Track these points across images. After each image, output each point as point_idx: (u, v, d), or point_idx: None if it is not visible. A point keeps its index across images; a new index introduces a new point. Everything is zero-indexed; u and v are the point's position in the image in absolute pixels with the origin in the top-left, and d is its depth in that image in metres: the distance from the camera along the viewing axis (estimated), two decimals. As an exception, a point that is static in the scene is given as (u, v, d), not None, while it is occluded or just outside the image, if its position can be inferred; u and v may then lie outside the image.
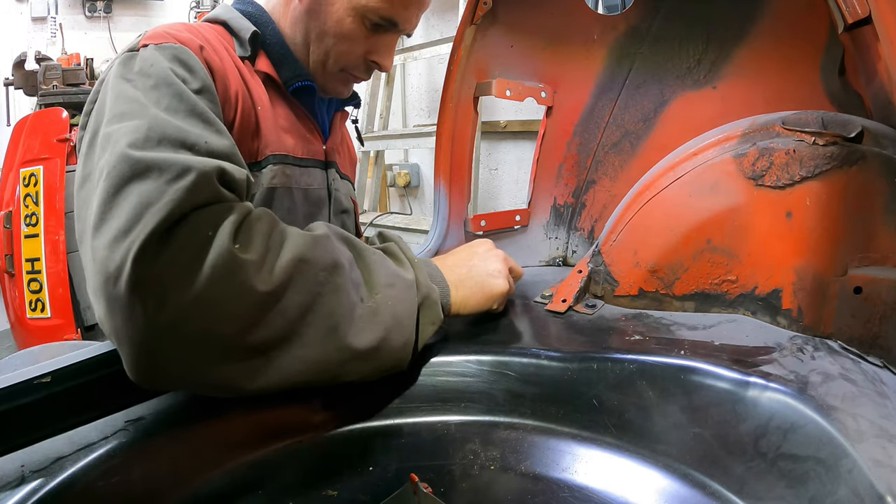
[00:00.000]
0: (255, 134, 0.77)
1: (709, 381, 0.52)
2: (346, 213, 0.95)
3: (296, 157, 0.82)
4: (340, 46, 0.79)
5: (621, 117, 0.91)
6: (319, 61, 0.81)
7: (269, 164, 0.78)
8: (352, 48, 0.80)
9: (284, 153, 0.80)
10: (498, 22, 0.82)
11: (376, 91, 2.51)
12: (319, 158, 0.88)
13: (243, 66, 0.77)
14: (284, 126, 0.81)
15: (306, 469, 0.51)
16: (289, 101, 0.83)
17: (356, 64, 0.82)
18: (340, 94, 0.89)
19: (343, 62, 0.81)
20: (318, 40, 0.80)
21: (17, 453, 0.44)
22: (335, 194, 0.91)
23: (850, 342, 0.56)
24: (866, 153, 0.56)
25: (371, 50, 0.80)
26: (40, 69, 2.55)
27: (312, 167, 0.86)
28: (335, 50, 0.80)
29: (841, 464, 0.40)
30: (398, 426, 0.56)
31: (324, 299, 0.49)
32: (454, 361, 0.60)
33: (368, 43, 0.80)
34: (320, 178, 0.88)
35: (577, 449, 0.52)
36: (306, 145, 0.85)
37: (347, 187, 0.98)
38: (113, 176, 0.46)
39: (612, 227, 0.76)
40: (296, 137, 0.83)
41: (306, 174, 0.85)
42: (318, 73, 0.83)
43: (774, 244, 0.63)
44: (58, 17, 3.34)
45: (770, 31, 0.75)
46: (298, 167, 0.83)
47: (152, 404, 0.52)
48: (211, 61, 0.68)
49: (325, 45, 0.80)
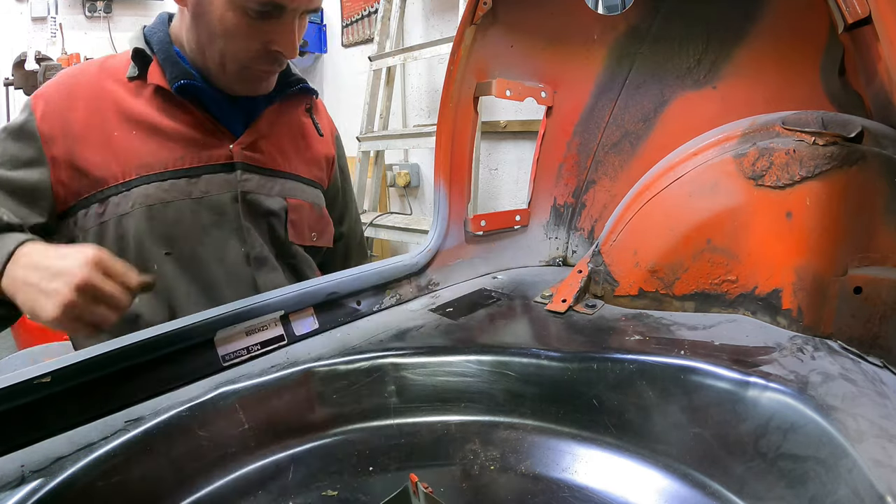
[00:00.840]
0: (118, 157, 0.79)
1: (709, 381, 0.52)
2: (272, 215, 0.87)
3: (178, 168, 0.80)
4: (232, 44, 0.77)
5: (621, 117, 0.91)
6: (217, 63, 0.80)
7: (142, 184, 0.78)
8: (244, 43, 0.77)
9: (161, 170, 0.79)
10: (498, 22, 0.82)
11: (376, 91, 2.51)
12: (220, 161, 0.83)
13: (127, 89, 0.81)
14: (172, 136, 0.81)
15: (306, 469, 0.51)
16: (182, 106, 0.81)
17: (256, 57, 0.79)
18: (255, 92, 0.85)
19: (241, 59, 0.79)
20: (209, 43, 0.79)
21: (17, 453, 0.44)
22: (248, 196, 0.85)
23: (850, 342, 0.56)
24: (866, 153, 0.56)
25: (268, 40, 0.77)
26: (40, 69, 2.55)
27: (208, 174, 0.82)
28: (228, 49, 0.78)
29: (841, 464, 0.40)
30: (398, 426, 0.56)
31: None
32: (454, 361, 0.60)
33: (262, 33, 0.76)
34: (220, 184, 0.83)
35: (577, 449, 0.52)
36: (198, 152, 0.82)
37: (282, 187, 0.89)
38: None
39: (612, 227, 0.76)
40: (185, 147, 0.81)
41: (199, 182, 0.81)
42: (220, 75, 0.81)
43: (774, 244, 0.63)
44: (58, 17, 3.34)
45: (770, 31, 0.75)
46: (185, 178, 0.81)
47: (152, 404, 0.52)
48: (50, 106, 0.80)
49: (217, 47, 0.78)
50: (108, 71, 0.84)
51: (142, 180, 0.79)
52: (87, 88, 0.82)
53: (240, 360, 0.59)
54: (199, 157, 0.83)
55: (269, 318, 0.62)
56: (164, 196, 0.80)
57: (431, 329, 0.67)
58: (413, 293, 0.81)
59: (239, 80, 0.82)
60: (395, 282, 0.78)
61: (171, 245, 0.80)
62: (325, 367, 0.59)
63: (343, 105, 3.09)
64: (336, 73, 3.20)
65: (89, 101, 0.81)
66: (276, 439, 0.53)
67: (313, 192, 0.96)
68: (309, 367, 0.58)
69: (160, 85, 0.81)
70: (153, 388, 0.53)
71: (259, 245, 0.86)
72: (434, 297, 0.81)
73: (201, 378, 0.55)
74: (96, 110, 0.80)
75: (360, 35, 2.98)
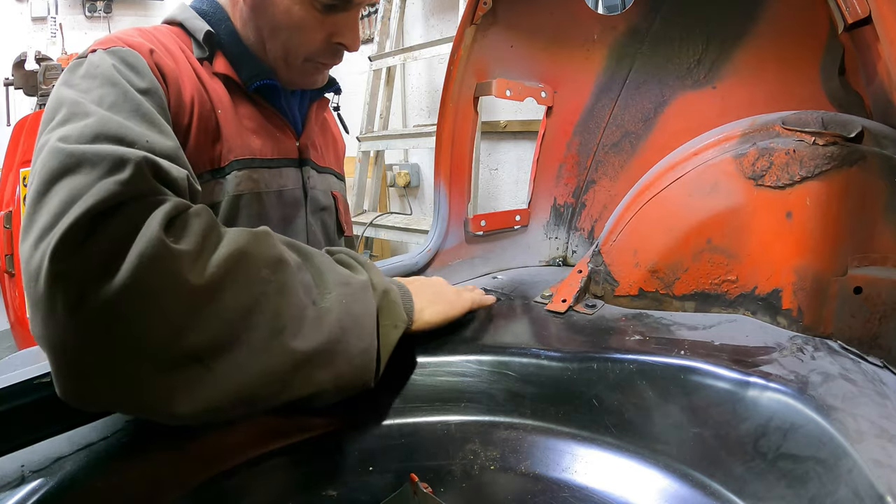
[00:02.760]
0: (216, 138, 0.74)
1: (709, 381, 0.52)
2: (324, 210, 0.91)
3: (264, 158, 0.79)
4: (297, 38, 0.75)
5: (621, 117, 0.91)
6: (279, 57, 0.77)
7: (234, 170, 0.75)
8: (309, 36, 0.75)
9: (251, 156, 0.77)
10: (498, 22, 0.82)
11: (376, 91, 2.51)
12: (292, 157, 0.85)
13: (201, 69, 0.75)
14: (250, 127, 0.78)
15: (306, 469, 0.51)
16: (253, 100, 0.80)
17: (319, 51, 0.77)
18: (313, 85, 0.84)
19: (304, 52, 0.77)
20: (272, 36, 0.76)
21: (17, 453, 0.44)
22: (311, 192, 0.87)
23: (850, 342, 0.56)
24: (866, 153, 0.56)
25: (332, 32, 0.76)
26: (40, 69, 2.55)
27: (285, 167, 0.83)
28: (292, 42, 0.75)
29: (841, 464, 0.40)
30: (398, 426, 0.56)
31: (269, 299, 0.44)
32: (454, 361, 0.60)
33: (326, 26, 0.75)
34: (294, 178, 0.84)
35: (577, 449, 0.52)
36: (276, 145, 0.81)
37: (328, 182, 0.93)
38: (43, 173, 0.43)
39: (612, 227, 0.76)
40: (263, 138, 0.80)
41: (278, 175, 0.81)
42: (281, 68, 0.79)
43: (774, 244, 0.63)
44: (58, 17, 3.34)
45: (770, 31, 0.75)
46: (269, 169, 0.80)
47: (152, 404, 0.51)
48: (162, 65, 0.67)
49: (281, 40, 0.75)
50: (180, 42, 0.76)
51: (234, 165, 0.75)
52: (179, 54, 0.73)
53: (240, 360, 0.58)
54: (278, 148, 0.82)
55: (269, 318, 0.62)
56: (253, 186, 0.77)
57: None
58: (413, 293, 0.81)
59: (300, 73, 0.80)
60: (395, 282, 0.78)
61: None
62: (325, 367, 0.59)
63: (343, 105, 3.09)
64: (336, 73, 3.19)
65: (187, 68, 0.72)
66: (276, 439, 0.53)
67: (342, 184, 1.00)
68: (309, 367, 0.58)
69: (230, 77, 0.77)
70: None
71: (317, 241, 0.88)
72: (434, 297, 0.81)
73: (201, 378, 0.55)
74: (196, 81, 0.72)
75: (360, 35, 2.98)
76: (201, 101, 0.72)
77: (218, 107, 0.74)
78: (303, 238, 0.85)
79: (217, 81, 0.76)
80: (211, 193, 0.74)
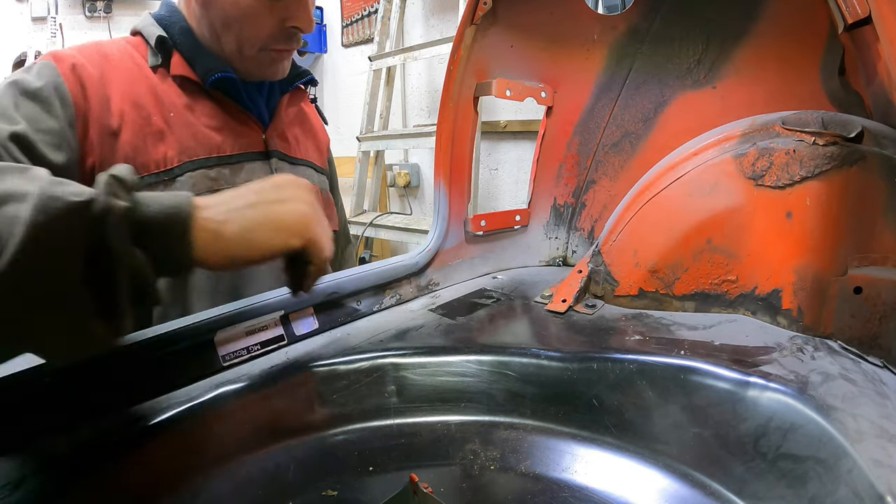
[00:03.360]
0: (159, 140, 0.74)
1: (709, 381, 0.52)
2: None
3: (223, 155, 0.79)
4: (248, 26, 0.76)
5: (621, 117, 0.91)
6: (234, 49, 0.78)
7: (187, 171, 0.75)
8: (261, 23, 0.76)
9: (207, 155, 0.77)
10: (498, 22, 0.82)
11: (376, 91, 2.51)
12: (257, 150, 0.84)
13: (154, 76, 0.77)
14: (210, 124, 0.79)
15: (306, 469, 0.51)
16: (213, 97, 0.80)
17: (273, 37, 0.78)
18: (273, 76, 0.84)
19: (258, 41, 0.77)
20: (224, 29, 0.77)
21: (17, 453, 0.44)
22: None
23: (850, 342, 0.56)
24: (866, 153, 0.56)
25: (284, 17, 0.76)
26: (40, 69, 2.55)
27: (249, 161, 0.82)
28: (245, 32, 0.76)
29: (841, 464, 0.40)
30: (398, 426, 0.56)
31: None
32: (454, 361, 0.60)
33: (276, 11, 0.75)
34: (261, 172, 0.83)
35: (577, 449, 0.52)
36: (238, 140, 0.81)
37: (304, 175, 0.91)
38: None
39: (612, 227, 0.76)
40: (225, 134, 0.80)
41: (241, 170, 0.81)
42: (238, 60, 0.80)
43: (774, 244, 0.63)
44: (58, 17, 3.34)
45: (770, 31, 0.75)
46: (230, 165, 0.79)
47: (152, 404, 0.52)
48: (84, 77, 0.71)
49: (234, 31, 0.76)
50: (132, 52, 0.79)
51: (186, 166, 0.75)
52: (119, 63, 0.76)
53: (240, 360, 0.58)
54: (239, 143, 0.81)
55: (269, 319, 0.62)
56: (211, 184, 0.76)
57: (431, 329, 0.67)
58: (413, 293, 0.81)
59: (257, 64, 0.81)
60: (395, 282, 0.78)
61: None
62: (325, 367, 0.59)
63: (343, 105, 3.10)
64: (336, 73, 3.20)
65: (124, 76, 0.75)
66: (276, 439, 0.53)
67: (322, 178, 0.98)
68: (309, 367, 0.58)
69: (188, 77, 0.78)
70: (153, 388, 0.53)
71: None
72: (434, 297, 0.82)
73: (201, 378, 0.55)
74: (132, 89, 0.75)
75: (360, 35, 2.98)
76: (139, 107, 0.74)
77: (170, 110, 0.76)
78: None
79: (172, 84, 0.78)
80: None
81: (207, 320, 0.57)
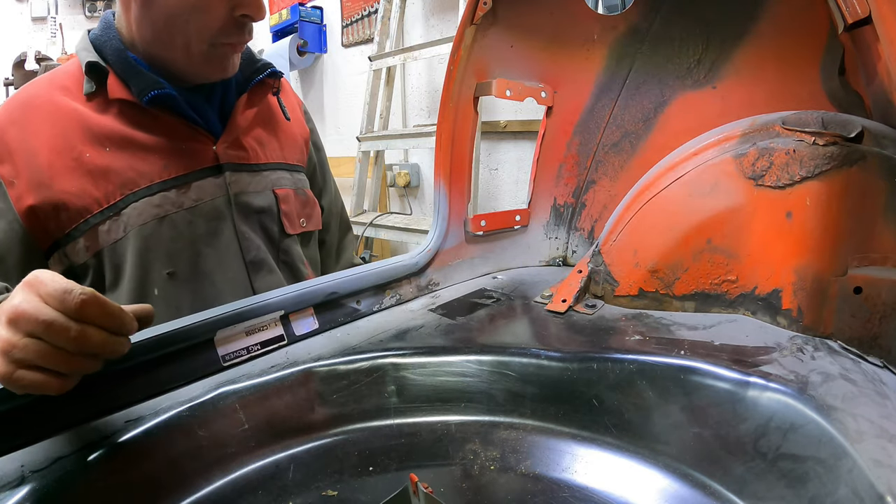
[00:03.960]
0: (100, 178, 0.72)
1: (709, 381, 0.52)
2: (262, 212, 0.84)
3: (166, 179, 0.76)
4: (196, 19, 0.72)
5: (621, 117, 0.91)
6: (180, 48, 0.74)
7: (130, 204, 0.73)
8: (210, 15, 0.72)
9: (148, 184, 0.75)
10: (498, 22, 0.82)
11: (376, 91, 2.51)
12: (207, 165, 0.80)
13: (87, 107, 0.74)
14: (152, 148, 0.76)
15: (306, 469, 0.51)
16: (155, 117, 0.76)
17: (223, 29, 0.74)
18: (224, 73, 0.79)
19: (208, 34, 0.73)
20: (168, 27, 0.73)
21: (17, 453, 0.44)
22: (238, 198, 0.81)
23: (850, 342, 0.56)
24: (866, 153, 0.56)
25: (233, 5, 0.73)
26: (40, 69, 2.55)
27: (197, 180, 0.78)
28: (192, 26, 0.72)
29: (841, 464, 0.40)
30: (398, 426, 0.56)
31: None
32: (454, 361, 0.60)
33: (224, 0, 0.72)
34: (213, 188, 0.79)
35: (577, 449, 0.52)
36: (183, 160, 0.78)
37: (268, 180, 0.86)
38: None
39: (612, 227, 0.76)
40: (167, 156, 0.76)
41: (188, 190, 0.77)
42: (185, 61, 0.75)
43: (774, 244, 0.63)
44: (58, 17, 3.34)
45: (770, 31, 0.75)
46: (175, 189, 0.76)
47: (152, 404, 0.52)
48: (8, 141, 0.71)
49: (180, 28, 0.72)
50: (60, 87, 0.76)
51: (129, 199, 0.73)
52: (43, 110, 0.74)
53: (240, 360, 0.59)
54: (184, 163, 0.78)
55: (269, 319, 0.62)
56: (157, 212, 0.74)
57: (431, 329, 0.67)
58: (413, 293, 0.81)
59: (206, 62, 0.76)
60: (395, 282, 0.78)
61: (173, 263, 0.75)
62: (325, 367, 0.59)
63: (343, 105, 3.09)
64: (336, 73, 3.20)
65: (50, 123, 0.73)
66: (276, 439, 0.53)
67: (297, 177, 0.93)
68: (309, 367, 0.58)
69: (125, 99, 0.75)
70: (153, 388, 0.53)
71: (255, 247, 0.83)
72: (434, 297, 0.82)
73: (201, 378, 0.55)
74: (60, 133, 0.72)
75: (360, 35, 2.98)
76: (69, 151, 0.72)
77: (104, 144, 0.73)
78: (234, 249, 0.81)
79: (109, 112, 0.75)
80: (108, 232, 0.73)
81: (207, 320, 0.57)
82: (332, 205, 1.07)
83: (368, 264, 0.77)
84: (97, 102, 0.75)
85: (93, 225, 0.73)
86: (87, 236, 0.73)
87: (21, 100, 0.76)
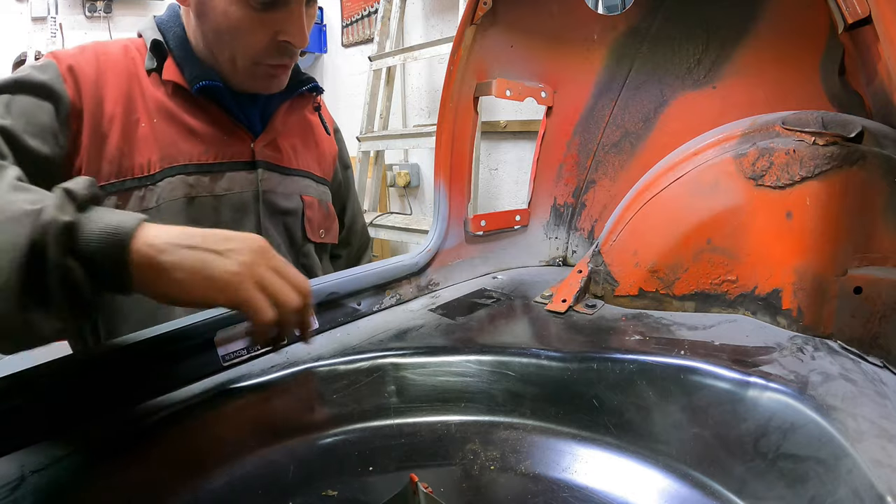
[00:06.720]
0: (144, 145, 0.75)
1: (709, 381, 0.52)
2: (287, 214, 0.87)
3: (203, 163, 0.79)
4: (239, 40, 0.75)
5: (621, 117, 0.91)
6: (227, 60, 0.77)
7: (166, 177, 0.76)
8: (252, 37, 0.74)
9: (186, 162, 0.77)
10: (498, 22, 0.82)
11: (376, 91, 2.51)
12: (243, 159, 0.83)
13: (147, 80, 0.78)
14: (195, 132, 0.79)
15: (306, 469, 0.51)
16: (202, 105, 0.80)
17: (265, 51, 0.76)
18: (268, 90, 0.82)
19: (250, 55, 0.76)
20: (217, 42, 0.76)
21: (17, 453, 0.44)
22: (266, 196, 0.84)
23: (850, 342, 0.56)
24: (866, 153, 0.56)
25: (276, 30, 0.75)
26: (40, 69, 2.55)
27: (231, 171, 0.81)
28: (236, 45, 0.75)
29: (841, 464, 0.40)
30: (398, 426, 0.56)
31: None
32: (454, 361, 0.60)
33: (267, 24, 0.74)
34: (243, 182, 0.82)
35: (577, 449, 0.52)
36: (221, 149, 0.81)
37: (297, 185, 0.90)
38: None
39: (612, 227, 0.76)
40: (208, 142, 0.79)
41: (221, 179, 0.80)
42: (232, 73, 0.79)
43: (774, 244, 0.63)
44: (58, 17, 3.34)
45: (770, 31, 0.75)
46: (210, 174, 0.79)
47: (152, 405, 0.52)
48: (82, 79, 0.73)
49: (225, 44, 0.76)
50: (130, 55, 0.80)
51: (167, 172, 0.76)
52: (117, 67, 0.77)
53: (240, 360, 0.59)
54: (224, 152, 0.81)
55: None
56: (189, 191, 0.77)
57: (431, 329, 0.67)
58: (413, 293, 0.81)
59: (251, 77, 0.80)
60: (395, 282, 0.78)
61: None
62: (325, 367, 0.59)
63: (343, 105, 3.09)
64: (336, 73, 3.20)
65: (120, 80, 0.76)
66: (276, 439, 0.53)
67: (322, 188, 0.96)
68: (309, 367, 0.58)
69: (178, 83, 0.78)
70: (153, 387, 0.53)
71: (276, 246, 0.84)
72: (434, 297, 0.82)
73: (201, 378, 0.55)
74: (126, 93, 0.76)
75: (360, 35, 2.98)
76: (129, 111, 0.75)
77: (154, 116, 0.77)
78: None
79: (159, 91, 0.79)
80: (142, 199, 0.75)
81: (207, 320, 0.57)
82: (354, 222, 1.10)
83: (368, 264, 0.77)
84: (154, 78, 0.79)
85: (129, 187, 0.75)
86: (120, 196, 0.75)
87: (97, 51, 0.78)
